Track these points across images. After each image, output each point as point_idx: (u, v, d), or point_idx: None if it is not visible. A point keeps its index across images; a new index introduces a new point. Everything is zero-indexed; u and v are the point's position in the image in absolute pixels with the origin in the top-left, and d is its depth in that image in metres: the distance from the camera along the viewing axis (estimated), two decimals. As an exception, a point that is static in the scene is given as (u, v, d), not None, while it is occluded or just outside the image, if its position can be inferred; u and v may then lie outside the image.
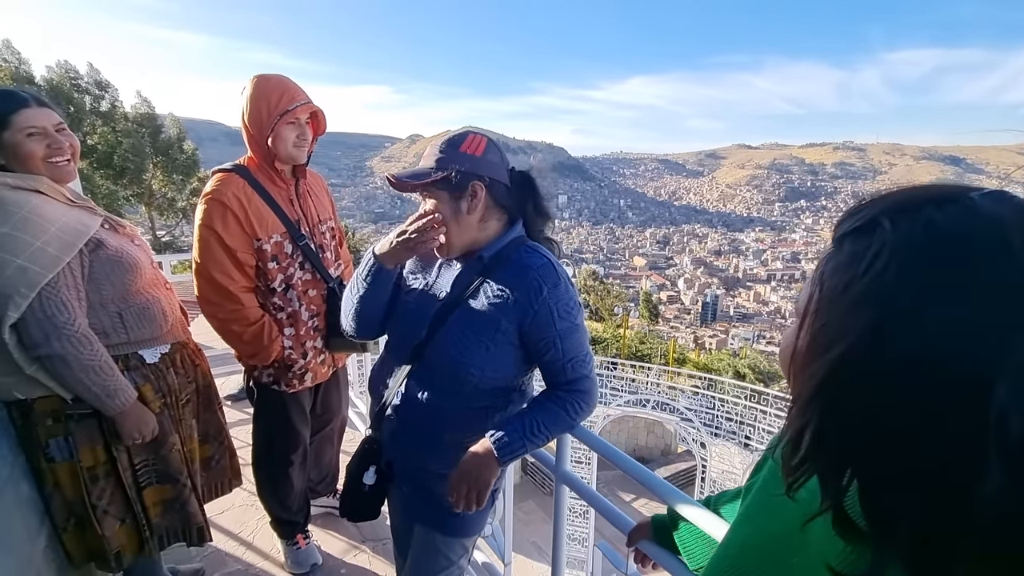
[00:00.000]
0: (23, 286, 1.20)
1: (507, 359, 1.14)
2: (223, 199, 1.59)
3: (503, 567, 1.69)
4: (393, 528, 1.44)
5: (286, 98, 1.61)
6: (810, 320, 0.44)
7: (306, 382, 1.85)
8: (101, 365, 1.32)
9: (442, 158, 1.08)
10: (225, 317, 1.66)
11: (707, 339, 64.67)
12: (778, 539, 0.54)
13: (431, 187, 1.10)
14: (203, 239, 1.61)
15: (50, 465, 1.39)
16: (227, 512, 2.27)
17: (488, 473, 1.07)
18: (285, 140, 1.63)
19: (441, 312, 1.14)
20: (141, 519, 1.53)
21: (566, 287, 1.11)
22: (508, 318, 1.09)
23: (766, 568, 0.54)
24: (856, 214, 0.44)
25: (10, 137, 1.28)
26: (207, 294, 1.65)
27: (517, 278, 1.10)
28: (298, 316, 1.77)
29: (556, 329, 1.10)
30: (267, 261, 1.68)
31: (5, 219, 1.20)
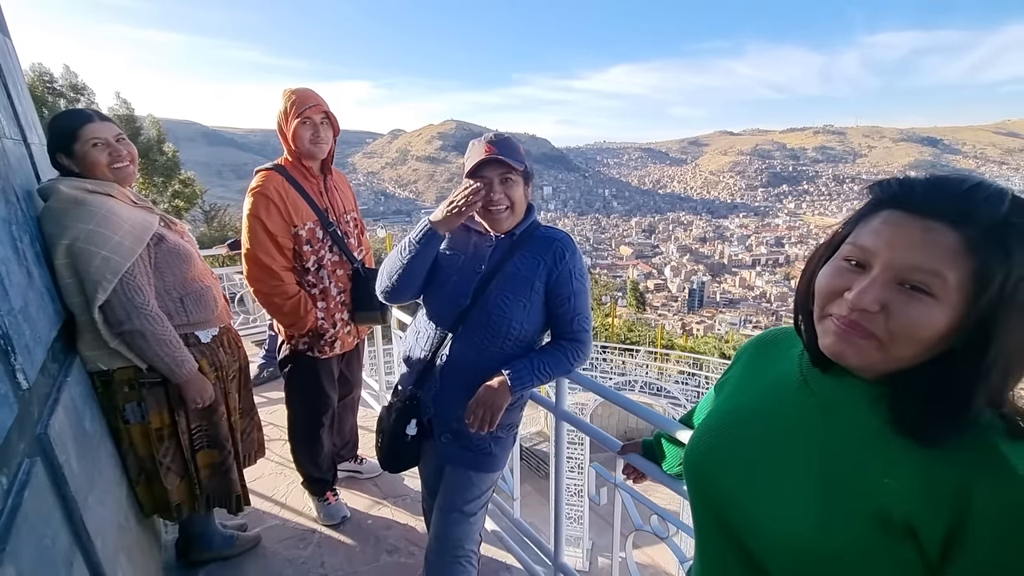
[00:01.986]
0: (108, 273, 1.44)
1: (538, 314, 1.44)
2: (267, 192, 1.90)
3: (513, 502, 1.98)
4: (423, 476, 1.68)
5: (298, 103, 1.92)
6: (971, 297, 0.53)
7: (336, 349, 2.15)
8: (171, 339, 1.57)
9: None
10: (269, 291, 1.96)
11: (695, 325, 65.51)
12: (757, 399, 0.74)
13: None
14: (251, 226, 1.91)
15: (125, 426, 1.63)
16: (259, 479, 2.53)
17: (501, 399, 1.35)
18: (302, 138, 1.94)
19: (484, 279, 1.42)
20: (194, 478, 1.78)
21: (580, 257, 1.45)
22: (540, 278, 1.40)
23: (751, 417, 0.72)
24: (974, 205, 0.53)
25: (79, 148, 1.54)
26: (254, 273, 1.95)
27: (545, 247, 1.42)
28: (328, 292, 2.08)
29: (572, 287, 1.41)
30: (302, 244, 1.98)
31: (90, 217, 1.44)
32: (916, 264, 0.54)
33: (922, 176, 0.59)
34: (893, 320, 0.56)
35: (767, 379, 0.76)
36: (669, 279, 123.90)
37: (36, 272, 1.31)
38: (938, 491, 0.54)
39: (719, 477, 0.72)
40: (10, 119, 1.46)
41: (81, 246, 1.41)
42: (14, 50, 1.78)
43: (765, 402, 0.73)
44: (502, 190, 1.37)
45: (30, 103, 1.85)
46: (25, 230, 1.31)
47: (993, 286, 0.51)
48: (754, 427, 0.72)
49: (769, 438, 0.69)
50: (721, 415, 0.79)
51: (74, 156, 1.55)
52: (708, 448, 0.76)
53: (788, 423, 0.69)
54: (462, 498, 1.49)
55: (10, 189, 1.27)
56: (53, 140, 1.56)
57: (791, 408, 0.69)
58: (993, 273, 0.51)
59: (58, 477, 1.08)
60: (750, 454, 0.70)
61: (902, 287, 0.55)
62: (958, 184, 0.55)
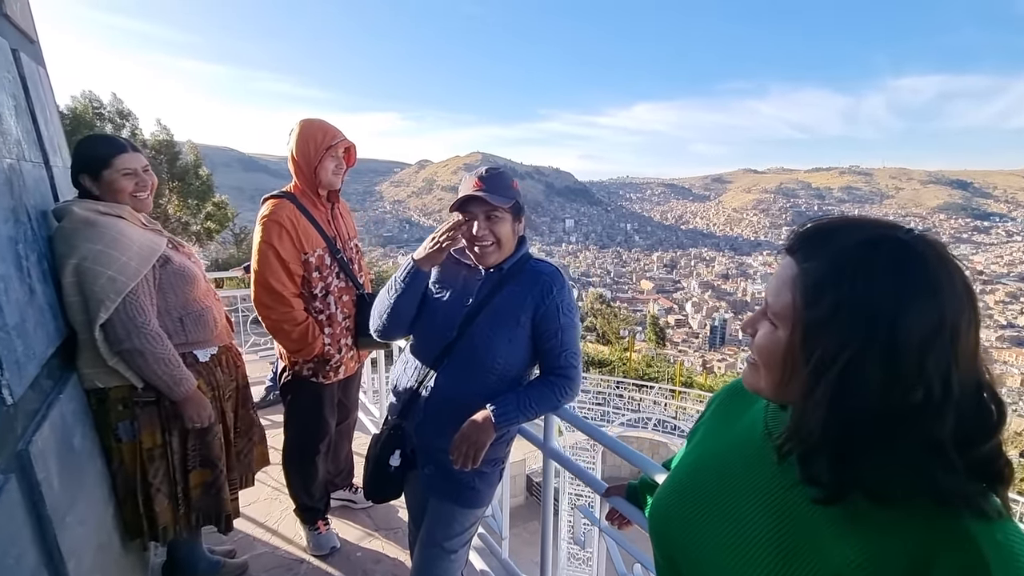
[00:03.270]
0: (112, 293, 1.48)
1: (524, 349, 1.42)
2: (279, 220, 1.94)
3: (501, 540, 1.91)
4: (409, 507, 1.66)
5: (329, 136, 1.98)
6: (801, 327, 0.55)
7: (339, 374, 2.17)
8: (169, 358, 1.59)
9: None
10: (278, 318, 1.98)
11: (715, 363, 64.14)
12: (721, 454, 0.72)
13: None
14: (263, 253, 1.95)
15: (117, 445, 1.64)
16: (254, 504, 2.51)
17: (485, 435, 1.32)
18: (327, 170, 2.00)
19: (471, 313, 1.41)
20: (180, 499, 1.76)
21: (569, 291, 1.43)
22: (526, 313, 1.39)
23: (711, 474, 0.71)
24: (818, 241, 0.57)
25: (109, 175, 1.61)
26: (264, 298, 1.97)
27: (533, 281, 1.41)
28: (334, 317, 2.10)
29: (559, 322, 1.39)
30: (311, 271, 2.02)
31: (99, 238, 1.49)
32: (768, 294, 0.61)
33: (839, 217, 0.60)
34: (754, 344, 0.63)
35: (733, 430, 0.73)
36: (690, 315, 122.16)
37: (40, 289, 1.35)
38: (892, 562, 0.50)
39: (679, 535, 0.69)
40: (32, 143, 1.54)
41: (88, 266, 1.45)
42: (47, 78, 1.88)
43: (729, 455, 0.71)
44: (487, 226, 1.37)
45: (58, 128, 1.95)
46: (33, 248, 1.35)
47: (821, 308, 0.54)
48: (716, 482, 0.69)
49: (729, 495, 0.66)
50: (685, 468, 0.77)
51: (100, 180, 1.62)
52: (669, 504, 0.73)
53: (748, 479, 0.66)
54: (443, 533, 1.46)
55: (21, 209, 1.32)
56: (83, 163, 1.62)
57: (753, 462, 0.66)
58: (817, 298, 0.54)
59: (35, 495, 1.09)
60: (709, 513, 0.67)
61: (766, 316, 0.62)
62: (842, 226, 0.58)
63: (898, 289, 0.51)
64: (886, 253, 0.53)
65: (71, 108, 14.94)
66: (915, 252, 0.52)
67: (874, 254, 0.53)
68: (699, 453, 0.78)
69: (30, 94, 1.58)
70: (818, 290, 0.54)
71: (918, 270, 0.51)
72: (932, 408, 0.50)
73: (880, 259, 0.52)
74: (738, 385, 0.82)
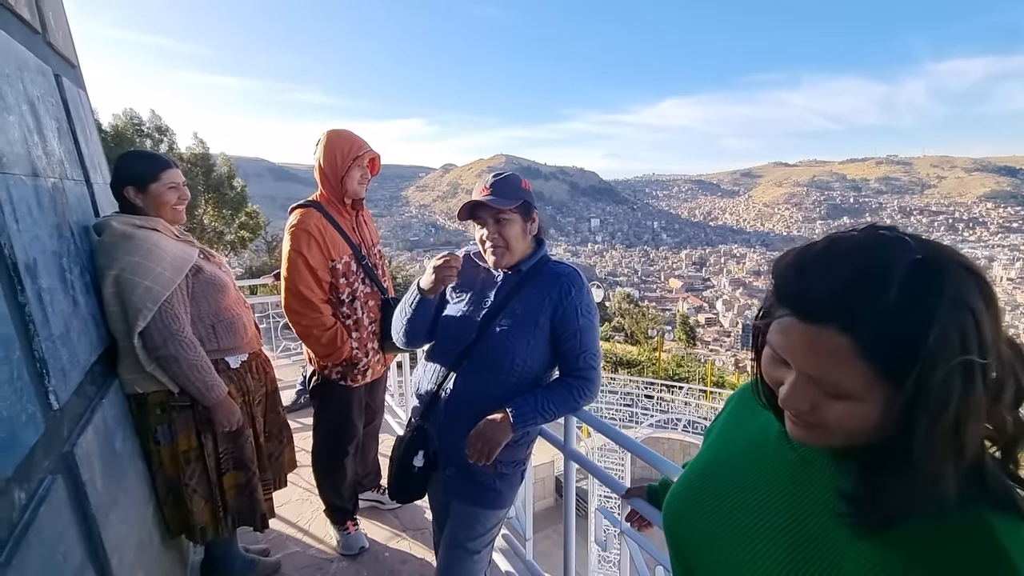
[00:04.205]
0: (149, 301, 1.56)
1: (543, 350, 1.43)
2: (307, 228, 2.00)
3: (524, 542, 1.92)
4: (433, 509, 1.69)
5: (355, 147, 2.05)
6: (889, 392, 0.49)
7: (367, 377, 2.22)
8: (203, 365, 1.66)
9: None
10: (308, 323, 2.05)
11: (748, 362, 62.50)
12: (736, 453, 0.72)
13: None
14: (292, 261, 2.01)
15: (156, 447, 1.72)
16: (286, 505, 2.59)
17: (501, 434, 1.34)
18: (353, 179, 2.07)
19: (489, 315, 1.43)
20: (218, 500, 1.84)
21: (588, 292, 1.44)
22: (544, 314, 1.40)
23: (726, 472, 0.70)
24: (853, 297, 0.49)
25: (157, 188, 1.71)
26: (294, 305, 2.04)
27: (551, 282, 1.42)
28: (361, 322, 2.16)
29: (578, 323, 1.40)
30: (339, 278, 2.08)
31: (136, 251, 1.57)
32: (819, 372, 0.52)
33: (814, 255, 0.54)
34: (825, 417, 0.54)
35: (749, 430, 0.73)
36: (721, 313, 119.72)
37: (83, 300, 1.43)
38: (915, 567, 0.49)
39: (691, 535, 0.69)
40: (74, 162, 1.63)
41: (127, 276, 1.53)
42: (87, 100, 1.99)
43: (743, 455, 0.70)
44: (496, 229, 1.40)
45: (97, 146, 2.05)
46: (76, 262, 1.44)
47: (909, 377, 0.47)
48: (729, 482, 0.69)
49: (742, 495, 0.66)
50: (700, 468, 0.76)
51: (147, 193, 1.71)
52: (682, 503, 0.73)
53: (763, 479, 0.65)
54: (466, 534, 1.48)
55: (65, 225, 1.41)
56: (130, 175, 1.71)
57: (768, 463, 0.66)
58: (898, 368, 0.48)
59: (80, 494, 1.15)
60: (721, 512, 0.67)
61: None
62: (842, 270, 0.50)
63: (975, 314, 0.47)
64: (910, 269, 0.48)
65: (113, 125, 15.66)
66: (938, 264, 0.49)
67: (939, 287, 0.48)
68: (713, 453, 0.77)
69: (71, 116, 1.67)
70: (898, 349, 0.47)
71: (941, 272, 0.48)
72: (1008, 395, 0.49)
73: (946, 292, 0.47)
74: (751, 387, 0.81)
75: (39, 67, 1.41)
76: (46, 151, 1.34)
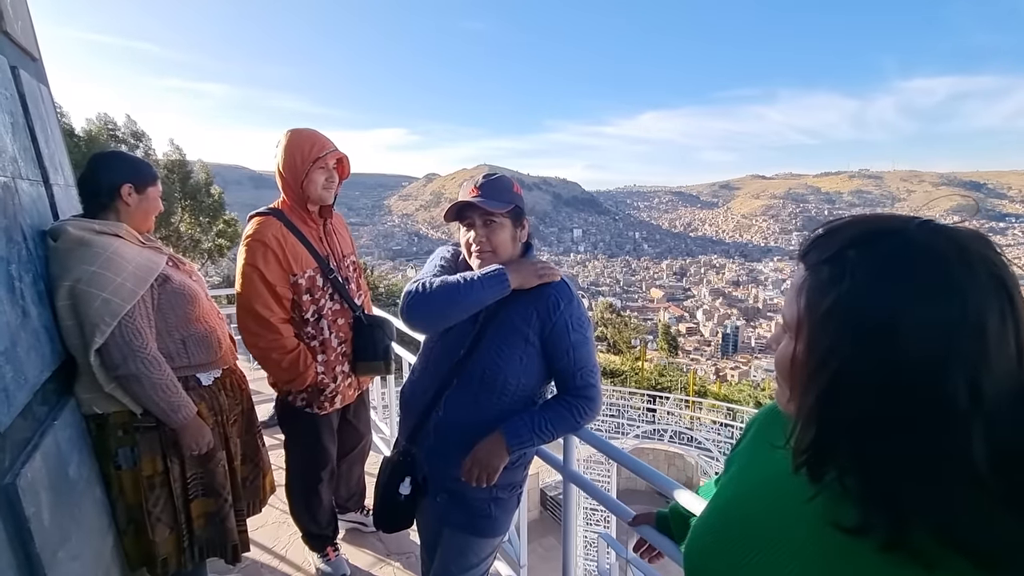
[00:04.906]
0: (107, 316, 1.42)
1: (536, 368, 1.33)
2: (264, 239, 1.80)
3: (519, 569, 1.81)
4: (422, 537, 1.57)
5: (317, 147, 1.85)
6: (805, 335, 0.53)
7: (336, 404, 2.03)
8: (168, 384, 1.52)
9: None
10: (265, 346, 1.84)
11: (728, 371, 63.35)
12: (762, 486, 0.66)
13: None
14: (246, 275, 1.81)
15: (117, 472, 1.57)
16: (262, 528, 2.43)
17: (497, 459, 1.24)
18: (316, 183, 1.86)
19: (479, 330, 1.33)
20: (183, 529, 1.68)
21: (578, 304, 1.33)
22: (533, 330, 1.30)
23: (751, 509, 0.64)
24: (824, 244, 0.53)
25: (153, 192, 1.67)
26: (249, 325, 1.84)
27: (538, 295, 1.31)
28: (328, 343, 1.96)
29: (570, 340, 1.30)
30: (301, 294, 1.88)
31: (93, 259, 1.43)
32: (785, 306, 0.58)
33: None
34: (774, 357, 0.59)
35: (775, 458, 0.65)
36: (701, 323, 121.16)
37: (34, 312, 1.29)
38: None
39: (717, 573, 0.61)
40: (30, 161, 1.50)
41: (83, 288, 1.40)
42: (48, 96, 1.85)
43: (770, 487, 0.64)
44: (484, 233, 1.31)
45: (60, 147, 1.91)
46: (28, 269, 1.30)
47: (817, 314, 0.51)
48: (757, 516, 0.62)
49: (771, 531, 0.59)
50: (721, 506, 0.70)
51: (145, 194, 1.65)
52: (703, 549, 0.67)
53: (792, 514, 0.58)
54: (457, 565, 1.37)
55: (16, 228, 1.27)
56: (134, 173, 1.63)
57: (797, 495, 0.58)
58: (816, 303, 0.51)
59: (22, 532, 1.02)
60: (749, 550, 0.60)
61: None
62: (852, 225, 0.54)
63: (895, 286, 0.47)
64: (884, 250, 0.49)
65: (86, 130, 15.23)
66: (920, 245, 0.48)
67: (869, 252, 0.49)
68: (739, 483, 0.71)
69: (29, 112, 1.54)
70: (818, 294, 0.51)
71: (923, 265, 0.47)
72: (957, 421, 0.44)
73: (876, 256, 0.49)
74: (776, 407, 0.74)
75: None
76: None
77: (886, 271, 0.48)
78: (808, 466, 0.53)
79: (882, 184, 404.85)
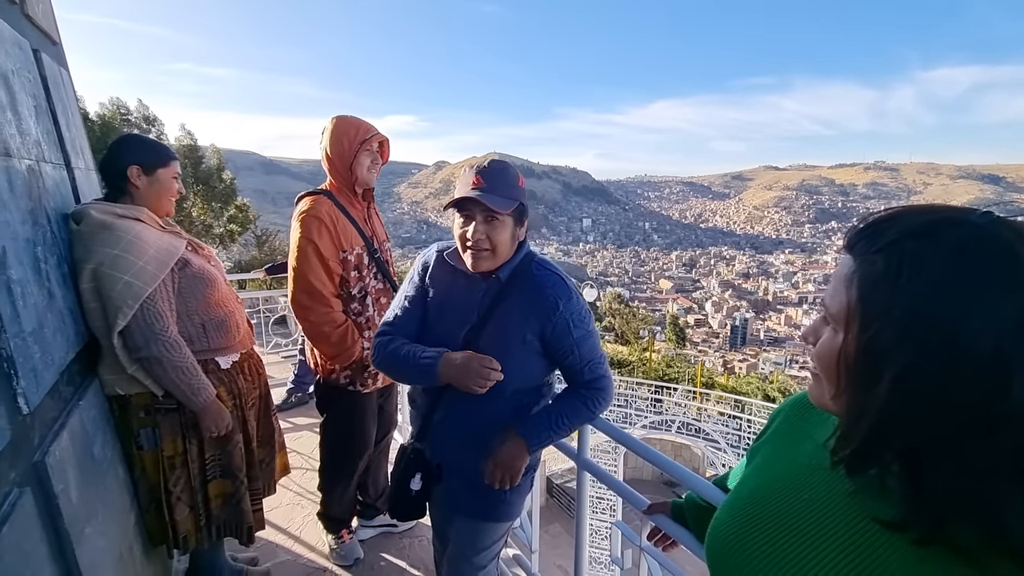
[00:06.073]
0: (129, 298, 1.44)
1: (535, 365, 1.31)
2: (319, 215, 1.86)
3: (530, 554, 1.84)
4: (434, 520, 1.58)
5: (363, 130, 1.92)
6: (856, 329, 0.50)
7: (378, 382, 2.07)
8: (188, 367, 1.54)
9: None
10: (316, 319, 1.89)
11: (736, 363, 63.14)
12: (786, 479, 0.65)
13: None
14: (302, 249, 1.86)
15: (139, 452, 1.61)
16: (276, 509, 2.48)
17: (519, 461, 1.26)
18: (363, 165, 1.94)
19: (471, 334, 1.29)
20: (200, 509, 1.72)
21: (577, 299, 1.29)
22: (531, 331, 1.27)
23: (776, 501, 0.64)
24: (875, 234, 0.51)
25: (164, 174, 1.66)
26: (302, 298, 1.89)
27: (536, 295, 1.27)
28: (372, 321, 2.02)
29: (573, 338, 1.27)
30: (350, 270, 1.94)
31: (116, 242, 1.45)
32: (827, 297, 0.55)
33: None
34: (814, 353, 0.57)
35: (800, 452, 0.65)
36: (710, 314, 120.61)
37: (59, 293, 1.31)
38: None
39: (740, 567, 0.62)
40: (53, 144, 1.51)
41: (105, 271, 1.41)
42: (69, 80, 1.86)
43: (795, 480, 0.63)
44: (484, 230, 1.23)
45: (80, 130, 1.93)
46: (52, 252, 1.32)
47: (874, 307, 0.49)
48: (780, 512, 0.62)
49: (795, 527, 0.59)
50: (745, 494, 0.69)
51: (154, 176, 1.63)
52: (728, 537, 0.66)
53: (816, 510, 0.58)
54: (472, 548, 1.39)
55: (41, 211, 1.29)
56: (141, 155, 1.62)
57: (823, 489, 0.58)
58: (872, 296, 0.49)
59: (52, 508, 1.05)
60: (773, 542, 0.60)
61: None
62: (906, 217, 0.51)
63: (963, 281, 0.44)
64: (949, 241, 0.46)
65: (99, 115, 15.32)
66: (989, 237, 0.45)
67: (933, 243, 0.47)
68: (761, 476, 0.70)
69: (51, 95, 1.55)
70: (872, 288, 0.49)
71: (990, 257, 0.45)
72: (1020, 419, 0.43)
73: (940, 249, 0.46)
74: (803, 400, 0.74)
75: (14, 39, 1.29)
76: (20, 129, 1.22)
77: (954, 263, 0.45)
78: (851, 462, 0.52)
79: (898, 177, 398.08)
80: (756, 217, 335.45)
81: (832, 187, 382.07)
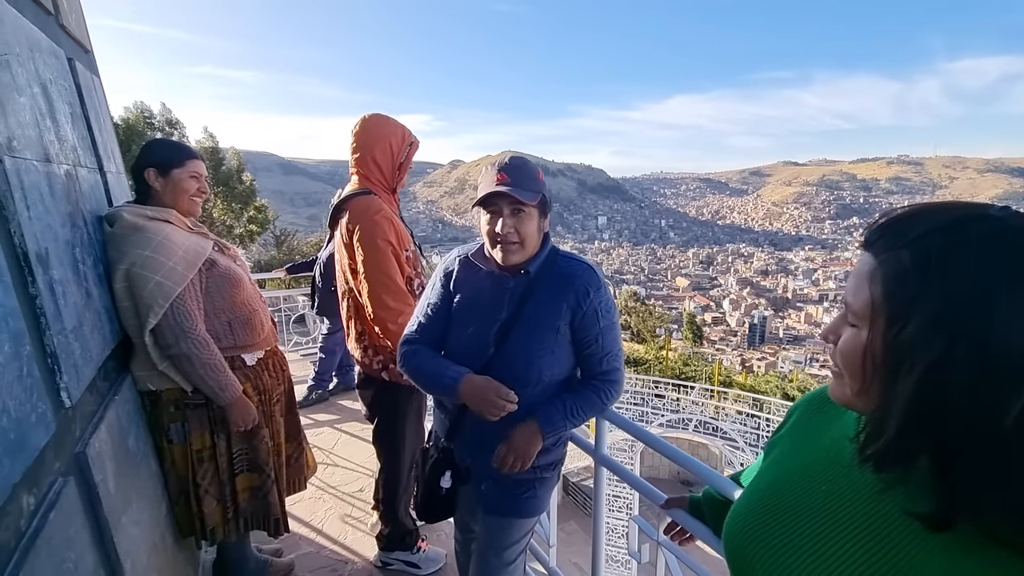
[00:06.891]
0: (160, 298, 1.49)
1: (567, 355, 1.34)
2: (388, 215, 1.83)
3: (548, 548, 1.86)
4: (456, 516, 1.60)
5: (408, 133, 1.91)
6: (882, 326, 0.50)
7: None
8: (216, 363, 1.60)
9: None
10: (405, 321, 1.62)
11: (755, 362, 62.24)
12: (804, 471, 0.66)
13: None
14: (381, 250, 1.79)
15: (169, 446, 1.67)
16: (298, 503, 2.53)
17: (533, 446, 1.28)
18: (409, 166, 1.94)
19: (503, 329, 1.31)
20: (228, 502, 1.78)
21: (606, 290, 1.33)
22: (563, 320, 1.30)
23: (794, 492, 0.65)
24: (897, 230, 0.51)
25: (178, 173, 1.67)
26: (388, 301, 1.80)
27: (566, 285, 1.30)
28: None
29: (600, 326, 1.31)
30: (409, 268, 1.91)
31: (147, 244, 1.51)
32: (848, 295, 0.55)
33: None
34: (835, 351, 0.56)
35: (819, 447, 0.66)
36: (728, 312, 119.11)
37: (96, 293, 1.37)
38: None
39: (759, 560, 0.63)
40: (87, 149, 1.57)
41: (137, 271, 1.47)
42: (100, 87, 1.93)
43: (813, 476, 0.64)
44: (512, 223, 1.26)
45: (111, 135, 2.00)
46: (89, 252, 1.38)
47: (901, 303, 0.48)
48: (799, 505, 0.62)
49: (815, 520, 0.59)
50: (763, 486, 0.70)
51: (169, 177, 1.66)
52: (746, 526, 0.67)
53: (836, 504, 0.59)
54: (500, 544, 1.42)
55: (78, 214, 1.35)
56: (155, 158, 1.66)
57: (840, 485, 0.59)
58: (898, 292, 0.49)
59: (92, 497, 1.10)
60: (792, 538, 0.60)
61: None
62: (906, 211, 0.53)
63: (991, 275, 0.44)
64: (974, 236, 0.46)
65: (124, 119, 15.69)
66: (1012, 231, 0.46)
67: (959, 238, 0.47)
68: (779, 469, 0.71)
69: (85, 102, 1.61)
70: (898, 283, 0.48)
71: (1016, 251, 0.45)
72: None
73: (968, 243, 0.46)
74: (821, 395, 0.74)
75: (52, 49, 1.35)
76: (59, 136, 1.28)
77: (983, 257, 0.45)
78: (880, 457, 0.52)
79: (923, 171, 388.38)
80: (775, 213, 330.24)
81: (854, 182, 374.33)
